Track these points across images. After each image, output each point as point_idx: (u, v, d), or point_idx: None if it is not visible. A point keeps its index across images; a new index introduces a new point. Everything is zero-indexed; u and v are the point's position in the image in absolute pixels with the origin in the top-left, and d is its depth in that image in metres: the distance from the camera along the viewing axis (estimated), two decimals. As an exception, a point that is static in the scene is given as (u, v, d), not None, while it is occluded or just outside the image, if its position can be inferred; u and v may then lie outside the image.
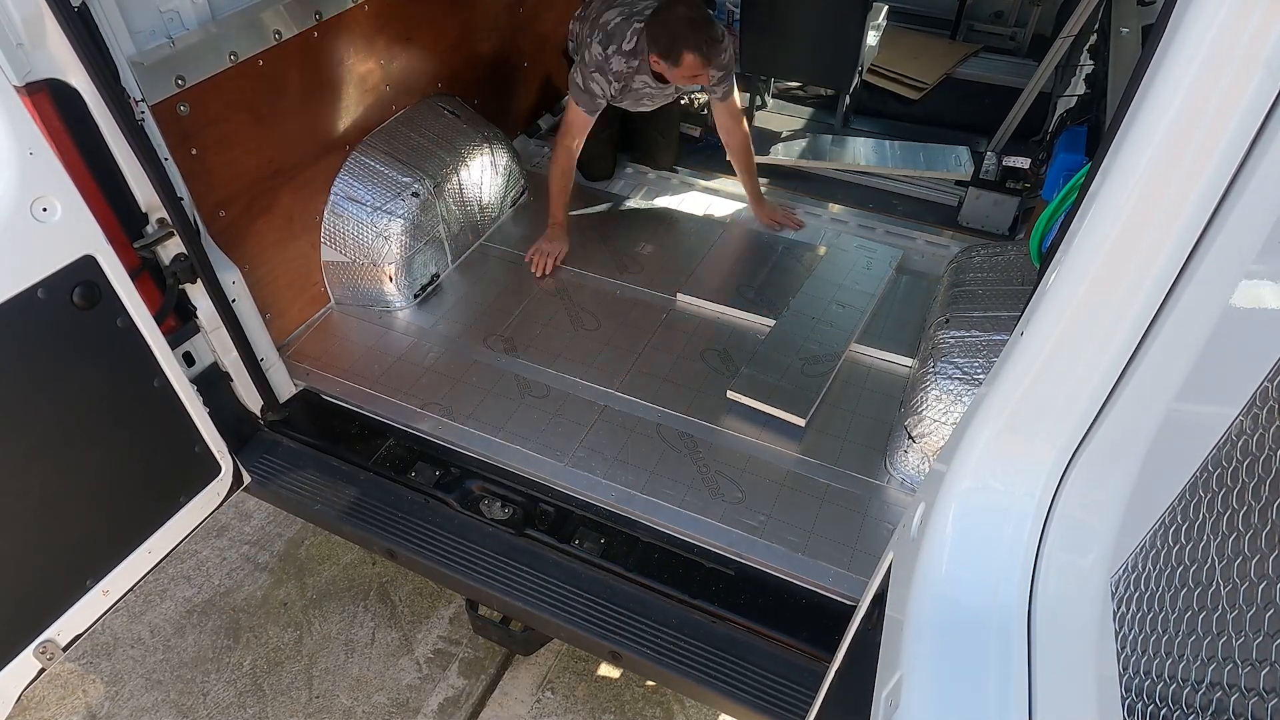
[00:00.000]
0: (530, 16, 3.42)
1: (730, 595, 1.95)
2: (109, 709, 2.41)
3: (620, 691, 2.46)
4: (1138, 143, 0.83)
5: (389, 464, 2.26)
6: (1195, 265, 0.84)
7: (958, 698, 0.91)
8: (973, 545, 1.03)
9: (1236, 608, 0.60)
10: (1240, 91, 0.76)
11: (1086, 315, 0.93)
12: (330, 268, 2.70)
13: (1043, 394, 0.99)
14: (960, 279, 2.36)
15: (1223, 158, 0.79)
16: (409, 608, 2.67)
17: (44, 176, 1.46)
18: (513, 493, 2.18)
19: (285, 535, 2.88)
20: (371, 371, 2.52)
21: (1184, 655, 0.65)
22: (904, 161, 3.47)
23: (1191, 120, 0.79)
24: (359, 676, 2.49)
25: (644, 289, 2.86)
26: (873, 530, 2.07)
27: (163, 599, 2.69)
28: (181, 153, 2.03)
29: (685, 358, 2.58)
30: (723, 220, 3.23)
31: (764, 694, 1.78)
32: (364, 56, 2.59)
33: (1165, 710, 0.65)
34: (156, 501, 1.85)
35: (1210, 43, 0.76)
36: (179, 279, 1.99)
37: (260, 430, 2.35)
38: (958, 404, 2.06)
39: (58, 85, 1.65)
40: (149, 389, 1.76)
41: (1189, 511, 0.71)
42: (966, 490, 1.06)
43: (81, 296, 1.56)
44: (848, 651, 1.40)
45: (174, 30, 2.01)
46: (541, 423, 2.36)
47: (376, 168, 2.68)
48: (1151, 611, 0.72)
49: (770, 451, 2.28)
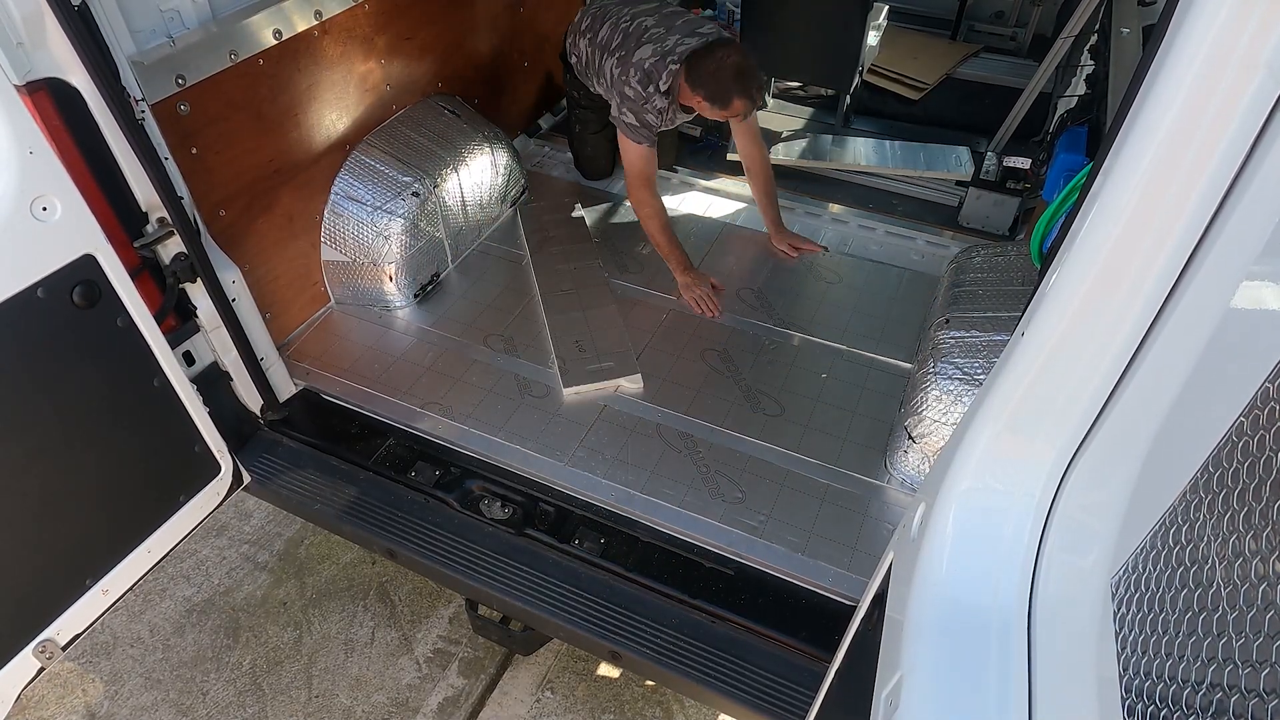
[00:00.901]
0: (531, 16, 3.42)
1: (730, 595, 1.95)
2: (108, 708, 2.41)
3: (620, 691, 2.46)
4: (1139, 143, 0.83)
5: (389, 463, 2.26)
6: (1196, 266, 0.84)
7: (958, 698, 0.91)
8: (973, 546, 1.03)
9: (1237, 609, 0.60)
10: (1241, 92, 0.76)
11: (1087, 316, 0.92)
12: (330, 267, 2.70)
13: (1043, 395, 0.99)
14: (960, 279, 2.36)
15: (1224, 158, 0.79)
16: (409, 607, 2.67)
17: (44, 176, 1.46)
18: (513, 492, 2.18)
19: (285, 535, 2.88)
20: (371, 371, 2.52)
21: (1184, 656, 0.65)
22: (904, 162, 3.47)
23: (1192, 121, 0.79)
24: (358, 676, 2.49)
25: (644, 289, 2.86)
26: (873, 530, 2.07)
27: (162, 598, 2.69)
28: (182, 152, 2.03)
29: (685, 358, 2.58)
30: (723, 220, 3.23)
31: (764, 694, 1.78)
32: (364, 56, 2.59)
33: (1165, 711, 0.65)
34: (156, 501, 1.85)
35: (1211, 43, 0.76)
36: (179, 278, 1.99)
37: (260, 430, 2.35)
38: (958, 404, 2.06)
39: (58, 84, 1.65)
40: (149, 388, 1.75)
41: (1189, 512, 0.71)
42: (967, 491, 1.06)
43: (81, 296, 1.56)
44: (848, 652, 1.40)
45: (174, 29, 2.01)
46: (541, 422, 2.36)
47: (377, 167, 2.67)
48: (1152, 612, 0.72)
49: (770, 451, 2.28)
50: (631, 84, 2.62)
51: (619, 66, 2.68)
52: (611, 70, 2.72)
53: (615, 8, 2.81)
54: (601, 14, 2.83)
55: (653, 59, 2.60)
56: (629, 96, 2.64)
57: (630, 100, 2.63)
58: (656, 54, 2.60)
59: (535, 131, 3.74)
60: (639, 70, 2.61)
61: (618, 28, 2.74)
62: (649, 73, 2.60)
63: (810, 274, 2.95)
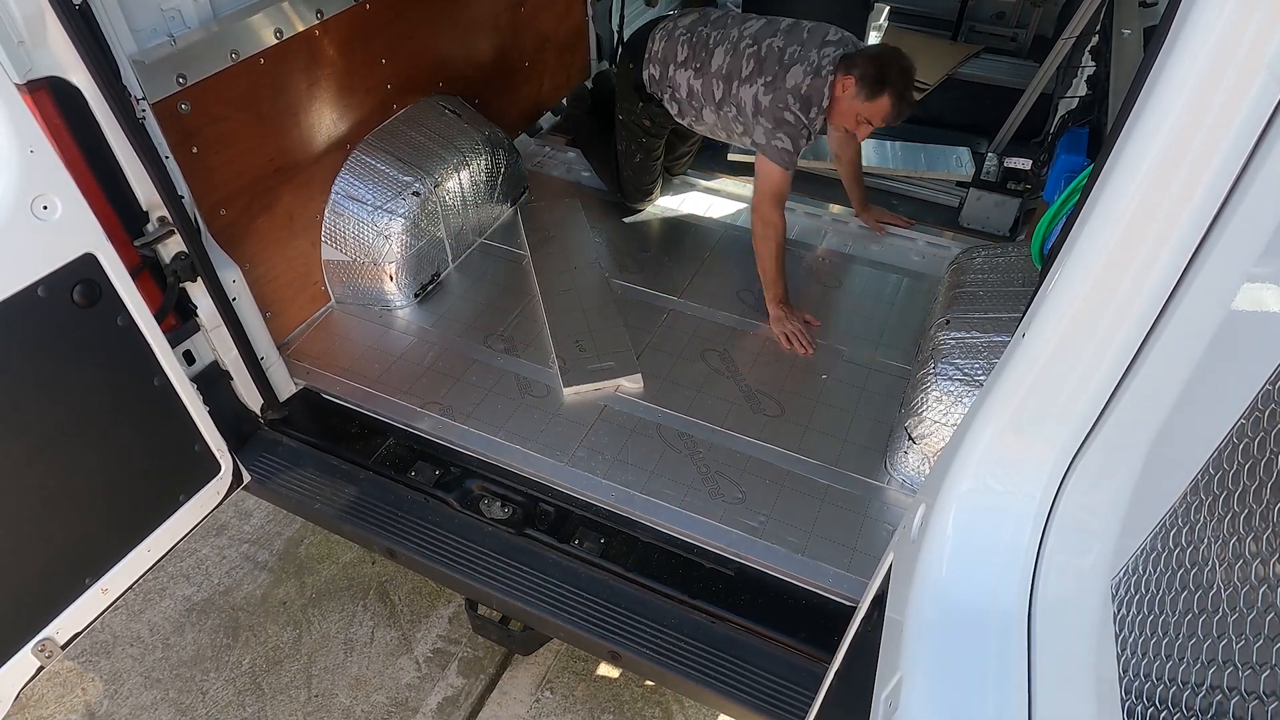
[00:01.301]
0: (532, 15, 3.42)
1: (730, 596, 1.95)
2: (108, 707, 2.41)
3: (619, 691, 2.46)
4: (1140, 145, 0.83)
5: (389, 463, 2.26)
6: (1197, 268, 0.84)
7: (957, 699, 0.91)
8: (973, 547, 1.03)
9: (1237, 611, 0.60)
10: (1243, 94, 0.76)
11: (1088, 317, 0.92)
12: (331, 266, 2.70)
13: (1044, 396, 0.99)
14: (961, 280, 2.36)
15: (1225, 160, 0.79)
16: (408, 607, 2.67)
17: (45, 174, 1.46)
18: (512, 492, 2.18)
19: (285, 534, 2.88)
20: (371, 370, 2.52)
21: (1184, 658, 0.65)
22: (905, 162, 3.47)
23: (1194, 122, 0.79)
24: (358, 675, 2.49)
25: (644, 289, 2.86)
26: (873, 531, 2.07)
27: (162, 597, 2.69)
28: (182, 151, 2.03)
29: (685, 358, 2.58)
30: (724, 221, 3.23)
31: (764, 694, 1.78)
32: (365, 55, 2.59)
33: (1165, 713, 0.65)
34: (156, 500, 1.85)
35: (1213, 45, 0.76)
36: (179, 277, 1.99)
37: (260, 429, 2.35)
38: (958, 405, 2.06)
39: (59, 83, 1.65)
40: (149, 387, 1.75)
41: (1190, 514, 0.71)
42: (967, 492, 1.06)
43: (82, 295, 1.56)
44: (847, 652, 1.40)
45: (175, 28, 2.01)
46: (541, 422, 2.36)
47: (377, 167, 2.67)
48: (1152, 614, 0.72)
49: (770, 452, 2.28)
50: (791, 110, 2.55)
51: (769, 93, 2.59)
52: (757, 98, 2.62)
53: (712, 31, 2.72)
54: (700, 42, 2.73)
55: (808, 81, 2.53)
56: (788, 122, 2.56)
57: (789, 125, 2.56)
58: (809, 73, 2.54)
59: (536, 131, 3.74)
60: (796, 96, 2.54)
61: (740, 53, 2.64)
62: (807, 97, 2.54)
63: (811, 276, 2.95)
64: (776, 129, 2.58)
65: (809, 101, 2.55)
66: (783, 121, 2.57)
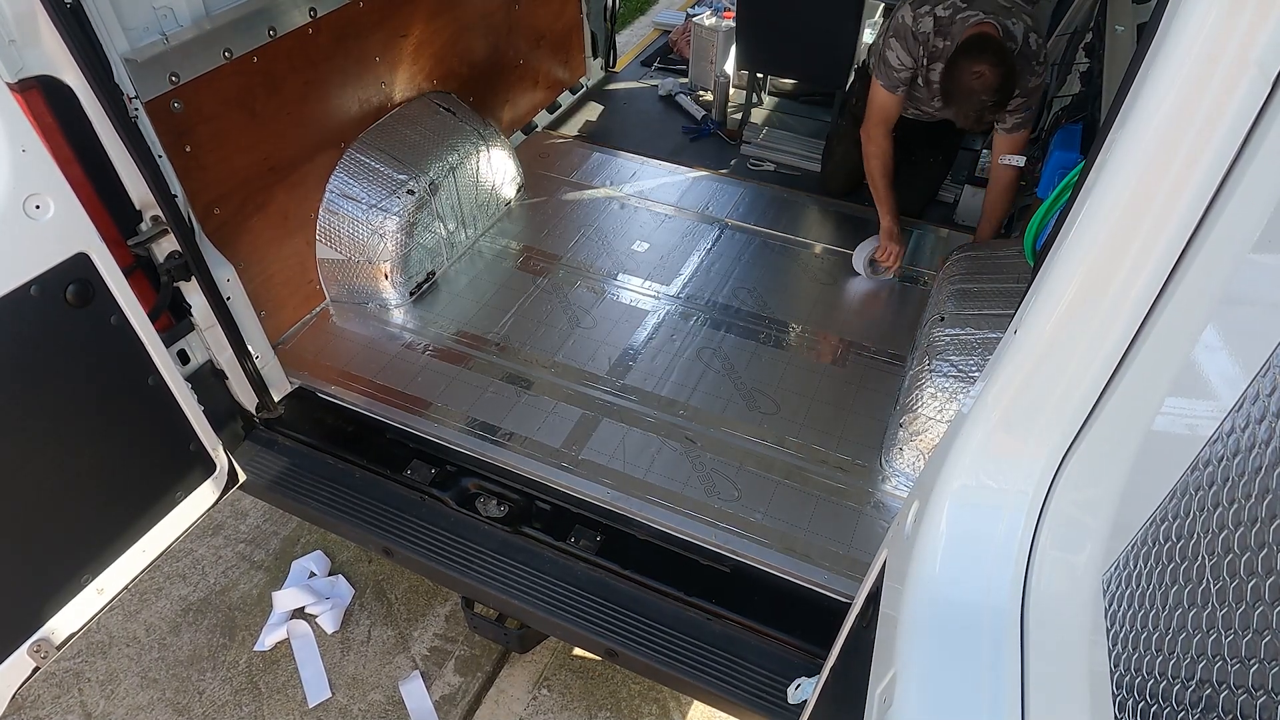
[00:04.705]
0: (526, 13, 3.41)
1: (726, 593, 1.95)
2: (104, 708, 2.41)
3: (616, 689, 2.47)
4: (1131, 140, 0.83)
5: (384, 462, 2.25)
6: (1188, 263, 0.84)
7: (951, 694, 0.91)
8: (966, 543, 1.03)
9: (1227, 604, 0.60)
10: (1233, 90, 0.76)
11: (1080, 313, 0.93)
12: (325, 265, 2.70)
13: (1036, 392, 0.99)
14: (956, 277, 2.37)
15: (1215, 156, 0.79)
16: (405, 605, 2.67)
17: (37, 174, 1.45)
18: (508, 490, 2.18)
19: (280, 533, 2.88)
20: (367, 369, 2.51)
21: (1175, 652, 0.65)
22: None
23: (1185, 118, 0.79)
24: (355, 674, 2.49)
25: (644, 289, 2.86)
26: (868, 528, 2.08)
27: (158, 597, 2.69)
28: (175, 150, 2.02)
29: (683, 357, 2.58)
30: (724, 219, 3.23)
31: (759, 691, 1.79)
32: (359, 53, 2.58)
33: (1156, 707, 0.65)
34: (151, 500, 1.84)
35: (1203, 42, 0.76)
36: (173, 276, 1.98)
37: (255, 428, 2.35)
38: (953, 401, 2.06)
39: (51, 82, 1.64)
40: (143, 387, 1.75)
41: (1180, 509, 0.72)
42: (960, 488, 1.06)
43: (75, 294, 1.55)
44: (842, 649, 1.40)
45: (168, 27, 2.00)
46: (537, 420, 2.36)
47: (372, 165, 2.67)
48: (1143, 609, 0.72)
49: (766, 449, 2.28)
50: (904, 9, 2.56)
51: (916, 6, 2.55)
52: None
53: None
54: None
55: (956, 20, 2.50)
56: (907, 27, 2.55)
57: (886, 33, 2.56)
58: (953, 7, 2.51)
59: (531, 129, 3.74)
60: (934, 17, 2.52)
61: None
62: (944, 28, 2.52)
63: (806, 274, 2.95)
64: (892, 34, 2.58)
65: (944, 31, 2.51)
66: (903, 29, 2.57)
